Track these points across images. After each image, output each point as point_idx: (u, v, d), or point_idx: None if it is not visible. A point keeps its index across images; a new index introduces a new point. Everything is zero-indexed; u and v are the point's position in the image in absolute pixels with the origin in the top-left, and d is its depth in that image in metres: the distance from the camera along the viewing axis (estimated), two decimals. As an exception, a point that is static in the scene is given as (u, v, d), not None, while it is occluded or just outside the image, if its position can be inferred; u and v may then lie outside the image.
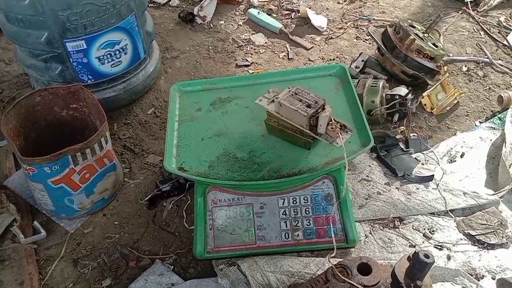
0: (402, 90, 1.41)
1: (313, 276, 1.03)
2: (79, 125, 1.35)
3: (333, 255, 0.95)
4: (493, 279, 1.05)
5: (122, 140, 1.48)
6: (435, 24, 1.60)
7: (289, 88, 1.12)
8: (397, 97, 1.38)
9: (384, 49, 1.55)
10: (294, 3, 2.08)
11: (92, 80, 1.45)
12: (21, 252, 1.17)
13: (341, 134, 1.05)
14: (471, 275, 1.05)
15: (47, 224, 1.25)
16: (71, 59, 1.38)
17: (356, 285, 0.89)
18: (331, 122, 1.06)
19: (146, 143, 1.48)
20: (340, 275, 0.91)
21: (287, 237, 1.10)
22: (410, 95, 1.39)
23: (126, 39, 1.44)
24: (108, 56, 1.42)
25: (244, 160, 1.12)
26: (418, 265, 0.81)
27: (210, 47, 1.88)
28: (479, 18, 1.92)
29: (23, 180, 1.32)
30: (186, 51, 1.86)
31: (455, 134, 1.45)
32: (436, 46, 1.55)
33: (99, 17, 1.33)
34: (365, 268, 0.92)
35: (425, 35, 1.58)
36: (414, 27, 1.59)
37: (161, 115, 1.58)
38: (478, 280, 1.04)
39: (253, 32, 1.95)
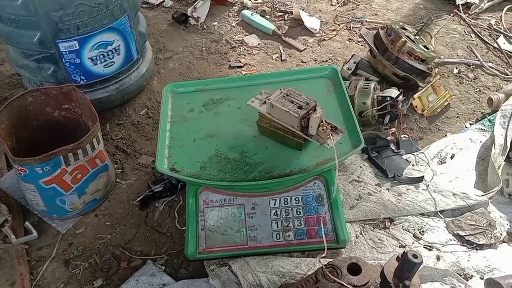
0: (393, 92, 1.43)
1: (304, 276, 1.03)
2: (71, 126, 1.34)
3: (323, 255, 0.96)
4: (482, 279, 1.06)
5: (114, 140, 1.48)
6: (426, 26, 1.62)
7: (280, 89, 1.12)
8: (388, 99, 1.40)
9: (376, 51, 1.56)
10: (288, 5, 2.09)
11: (85, 80, 1.44)
12: (12, 253, 1.17)
13: (332, 135, 1.06)
14: (460, 275, 1.06)
15: (38, 225, 1.25)
16: (63, 60, 1.38)
17: (346, 285, 0.90)
18: (322, 124, 1.07)
19: (138, 143, 1.48)
20: (330, 275, 0.92)
21: (278, 238, 1.11)
22: (401, 97, 1.40)
23: (119, 40, 1.44)
24: (101, 56, 1.42)
25: (236, 161, 1.13)
26: (407, 265, 0.82)
27: (204, 48, 1.88)
28: (470, 21, 1.94)
29: (14, 181, 1.32)
30: (180, 52, 1.86)
31: (446, 135, 1.46)
32: (427, 48, 1.57)
33: (92, 17, 1.33)
34: (355, 268, 0.93)
35: (417, 37, 1.59)
36: (405, 29, 1.60)
37: (154, 115, 1.58)
38: (467, 280, 1.05)
39: (247, 34, 1.95)
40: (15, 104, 1.24)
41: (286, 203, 1.13)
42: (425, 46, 1.57)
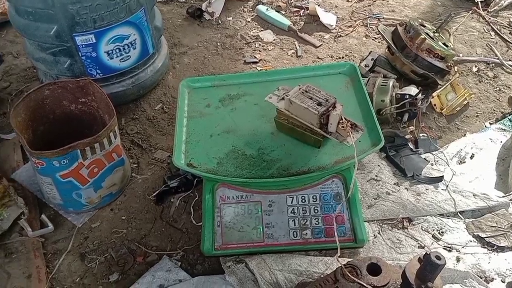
0: (412, 90, 1.40)
1: (322, 276, 1.02)
2: (87, 120, 1.34)
3: (338, 255, 0.94)
4: (503, 282, 1.04)
5: (130, 135, 1.48)
6: (445, 23, 1.59)
7: (299, 85, 1.11)
8: (407, 96, 1.37)
9: (395, 48, 1.53)
10: (303, 0, 2.06)
11: (101, 74, 1.44)
12: (29, 245, 1.17)
13: (351, 133, 1.04)
14: (481, 278, 1.04)
15: (54, 218, 1.25)
16: (80, 53, 1.38)
17: (366, 286, 0.88)
18: (341, 121, 1.05)
19: (153, 138, 1.47)
20: (349, 275, 0.90)
21: (295, 236, 1.10)
22: (420, 95, 1.38)
23: (135, 34, 1.44)
24: (117, 50, 1.42)
25: (253, 157, 1.12)
26: (430, 266, 0.80)
27: (218, 43, 1.87)
28: (490, 19, 1.91)
29: (31, 173, 1.32)
30: (194, 47, 1.85)
31: (465, 135, 1.43)
32: (447, 46, 1.54)
33: (108, 11, 1.33)
34: (374, 269, 0.92)
35: (436, 34, 1.57)
36: (424, 26, 1.57)
37: (169, 110, 1.57)
38: (488, 283, 1.03)
39: (262, 29, 1.94)
40: (32, 97, 1.24)
41: (303, 201, 1.11)
42: (444, 44, 1.54)
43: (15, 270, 1.12)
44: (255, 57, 1.78)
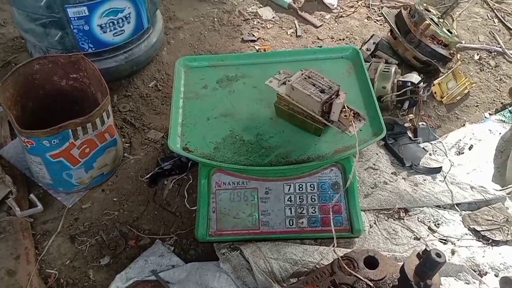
0: (414, 77, 1.37)
1: (317, 266, 1.01)
2: (79, 96, 1.29)
3: (335, 246, 0.93)
4: (496, 276, 1.04)
5: (122, 113, 1.43)
6: (451, 9, 1.55)
7: (302, 70, 1.07)
8: (409, 84, 1.34)
9: (398, 32, 1.49)
10: (304, -23, 1.99)
11: (93, 48, 1.38)
12: (17, 226, 1.14)
13: (354, 122, 1.02)
14: (475, 271, 1.04)
15: (43, 198, 1.21)
16: (71, 26, 1.31)
17: (363, 279, 0.88)
18: (344, 110, 1.02)
19: (147, 117, 1.43)
20: (346, 267, 0.90)
21: (291, 224, 1.08)
22: (422, 83, 1.35)
23: (130, 7, 1.37)
24: (111, 24, 1.35)
25: (251, 143, 1.08)
26: (429, 264, 0.79)
27: (215, 19, 1.80)
28: (494, 5, 1.86)
29: (19, 150, 1.28)
30: (190, 22, 1.78)
31: (464, 125, 1.42)
32: (451, 33, 1.50)
33: (102, -18, 1.26)
34: (371, 261, 0.91)
35: (440, 20, 1.53)
36: (429, 11, 1.53)
37: (163, 88, 1.52)
38: (481, 277, 1.04)
39: (261, 6, 1.87)
40: (21, 72, 1.18)
41: (301, 189, 1.09)
42: (448, 30, 1.51)
43: (2, 251, 1.09)
44: (254, 35, 1.73)
